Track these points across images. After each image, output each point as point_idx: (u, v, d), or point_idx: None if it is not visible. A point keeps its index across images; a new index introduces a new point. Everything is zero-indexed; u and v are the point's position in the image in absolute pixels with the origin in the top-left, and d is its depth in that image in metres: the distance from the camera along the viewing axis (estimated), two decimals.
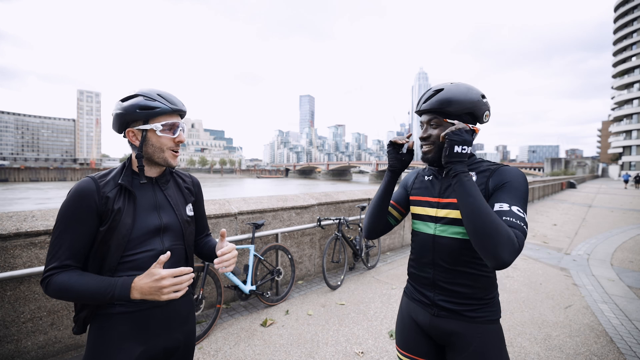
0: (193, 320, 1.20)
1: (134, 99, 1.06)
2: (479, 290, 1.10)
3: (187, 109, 1.16)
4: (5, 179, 72.89)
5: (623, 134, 58.99)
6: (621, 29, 61.17)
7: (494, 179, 1.07)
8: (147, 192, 1.11)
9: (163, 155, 1.10)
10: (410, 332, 1.22)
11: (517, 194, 1.02)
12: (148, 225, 1.07)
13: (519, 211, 0.98)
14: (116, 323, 1.01)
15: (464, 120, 1.15)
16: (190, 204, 1.24)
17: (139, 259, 1.04)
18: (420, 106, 1.18)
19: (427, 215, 1.20)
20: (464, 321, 1.10)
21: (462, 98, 1.12)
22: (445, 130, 1.07)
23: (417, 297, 1.22)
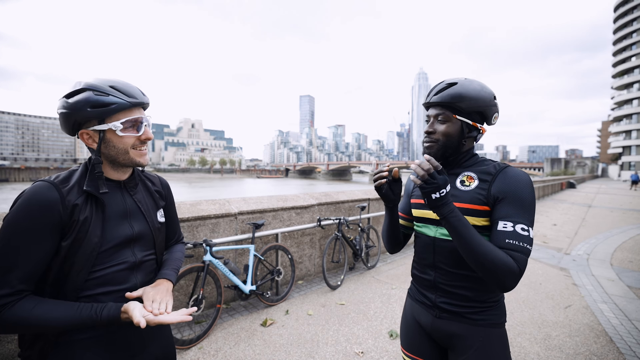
0: (169, 330, 1.14)
1: (81, 95, 0.88)
2: (481, 292, 1.07)
3: (149, 99, 1.01)
4: (5, 179, 72.89)
5: (623, 134, 58.99)
6: (621, 29, 61.16)
7: (498, 184, 1.02)
8: (116, 198, 0.98)
9: (128, 156, 0.96)
10: (414, 334, 1.21)
11: (523, 207, 0.98)
12: (119, 235, 0.94)
13: (523, 230, 0.94)
14: (83, 351, 0.88)
15: (473, 119, 1.10)
16: (162, 209, 1.14)
17: (108, 274, 0.92)
18: (431, 98, 1.12)
19: (428, 217, 1.17)
20: (465, 323, 1.07)
21: (475, 95, 1.07)
22: (415, 180, 0.99)
23: (419, 299, 1.21)
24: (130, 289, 0.97)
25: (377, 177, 1.13)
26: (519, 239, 0.94)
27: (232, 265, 3.13)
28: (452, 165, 1.16)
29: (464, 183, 1.10)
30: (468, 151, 1.15)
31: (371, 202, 5.30)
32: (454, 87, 1.08)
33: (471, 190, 1.07)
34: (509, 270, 0.90)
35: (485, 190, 1.04)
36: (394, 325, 2.98)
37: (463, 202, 1.06)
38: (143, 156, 1.00)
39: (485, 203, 1.03)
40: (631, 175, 27.51)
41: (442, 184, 0.96)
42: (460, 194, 1.08)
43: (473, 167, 1.12)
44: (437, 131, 1.11)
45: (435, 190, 0.96)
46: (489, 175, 1.06)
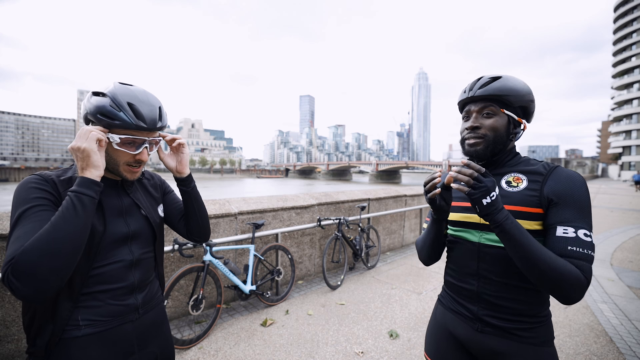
0: (168, 329, 1.14)
1: (101, 99, 0.91)
2: (531, 306, 0.97)
3: (164, 124, 1.00)
4: (5, 179, 72.90)
5: (623, 134, 59.00)
6: (621, 29, 61.16)
7: (552, 185, 0.94)
8: (111, 196, 0.99)
9: (117, 168, 0.97)
10: (444, 344, 1.13)
11: (582, 210, 0.90)
12: (115, 233, 0.96)
13: (586, 236, 0.87)
14: (84, 349, 0.89)
15: (518, 114, 1.03)
16: (161, 204, 1.16)
17: (107, 272, 0.93)
18: (475, 92, 1.03)
19: (469, 222, 1.06)
20: (513, 340, 0.96)
21: (522, 89, 1.01)
22: (460, 188, 0.89)
23: (456, 309, 1.10)
24: (128, 287, 0.98)
25: (430, 188, 1.00)
26: (582, 245, 0.86)
27: (232, 265, 3.14)
28: (496, 165, 1.07)
29: (510, 184, 1.01)
30: (511, 150, 1.07)
31: (371, 202, 5.31)
32: (500, 80, 1.02)
33: (520, 192, 0.98)
34: (576, 282, 0.82)
35: (537, 191, 0.95)
36: (394, 325, 2.98)
37: (513, 205, 0.97)
38: (132, 174, 1.00)
39: (539, 205, 0.94)
40: (633, 175, 26.49)
41: (490, 186, 0.87)
42: (508, 195, 0.99)
43: (518, 166, 1.04)
44: (484, 126, 1.02)
45: (485, 194, 0.86)
46: (539, 176, 0.98)
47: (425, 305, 3.44)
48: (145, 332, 1.02)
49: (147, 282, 1.07)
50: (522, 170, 1.02)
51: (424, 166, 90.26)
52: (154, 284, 1.12)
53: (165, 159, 1.12)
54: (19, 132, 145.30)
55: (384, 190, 5.97)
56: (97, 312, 0.92)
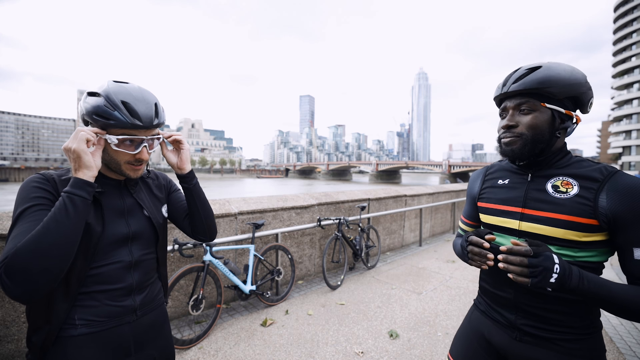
0: (168, 331, 1.13)
1: (96, 99, 0.90)
2: (575, 318, 0.88)
3: (161, 121, 0.99)
4: (5, 179, 72.90)
5: (623, 134, 59.00)
6: (621, 29, 61.17)
7: (612, 197, 0.83)
8: (113, 197, 0.99)
9: (119, 168, 0.97)
10: (476, 349, 1.07)
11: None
12: (114, 233, 0.95)
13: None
14: (79, 348, 0.89)
15: (566, 106, 0.91)
16: (165, 204, 1.16)
17: (104, 272, 0.93)
18: (509, 87, 0.94)
19: (504, 226, 0.99)
20: (558, 352, 0.89)
21: (568, 77, 0.89)
22: (517, 279, 0.79)
23: (492, 316, 1.04)
24: (126, 288, 0.98)
25: (478, 262, 0.93)
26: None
27: (232, 265, 3.14)
28: (541, 166, 0.96)
29: (557, 189, 0.90)
30: (561, 148, 0.95)
31: (371, 202, 5.31)
32: (539, 70, 0.91)
33: (570, 199, 0.87)
34: None
35: (591, 200, 0.84)
36: (394, 325, 2.98)
37: (559, 213, 0.87)
38: (135, 171, 0.99)
39: (593, 216, 0.83)
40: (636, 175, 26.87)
41: (548, 264, 0.77)
42: (555, 202, 0.89)
43: (567, 168, 0.93)
44: (521, 123, 0.93)
45: (547, 276, 0.76)
46: (593, 182, 0.86)
47: (425, 305, 3.44)
48: (143, 334, 1.01)
49: (147, 283, 1.06)
50: (573, 174, 0.90)
51: (424, 166, 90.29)
52: (155, 285, 1.11)
53: (168, 155, 1.12)
54: (19, 132, 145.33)
55: (384, 190, 5.97)
56: (94, 312, 0.92)
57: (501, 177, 1.06)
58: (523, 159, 0.96)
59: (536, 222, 0.92)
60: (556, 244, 0.88)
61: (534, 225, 0.92)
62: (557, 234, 0.88)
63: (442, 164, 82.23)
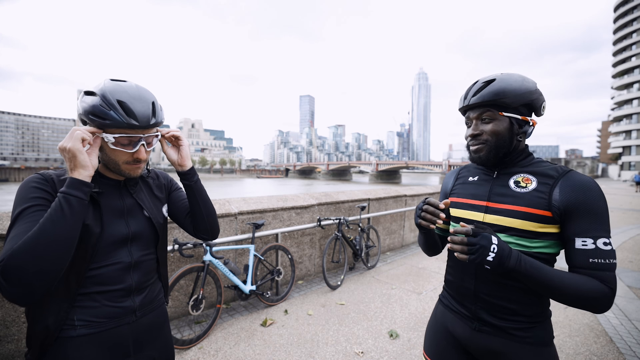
0: (168, 332, 1.13)
1: (92, 98, 0.89)
2: (530, 306, 0.97)
3: (159, 120, 0.98)
4: (5, 179, 72.90)
5: (623, 134, 58.99)
6: (621, 29, 61.16)
7: (564, 192, 0.92)
8: (112, 197, 0.98)
9: (118, 168, 0.96)
10: (442, 342, 1.14)
11: (599, 217, 0.89)
12: (114, 234, 0.94)
13: (605, 245, 0.87)
14: (78, 349, 0.89)
15: (521, 112, 1.01)
16: (166, 204, 1.15)
17: (104, 273, 0.92)
18: (470, 100, 1.04)
19: (472, 220, 1.08)
20: (511, 340, 0.97)
21: (519, 87, 0.99)
22: (460, 257, 0.88)
23: (455, 308, 1.12)
24: (125, 289, 0.97)
25: (425, 218, 1.02)
26: (603, 256, 0.87)
27: (232, 265, 3.14)
28: (506, 164, 1.07)
29: (519, 184, 1.01)
30: (523, 150, 1.07)
31: (371, 202, 5.31)
32: (494, 83, 1.01)
33: (528, 193, 0.97)
34: (601, 296, 0.85)
35: (546, 194, 0.94)
36: (394, 325, 2.98)
37: (519, 205, 0.97)
38: (134, 170, 0.98)
39: (547, 208, 0.93)
40: (634, 176, 25.21)
41: (485, 243, 0.85)
42: (515, 195, 0.99)
43: (529, 167, 1.03)
44: (485, 131, 1.03)
45: (484, 253, 0.85)
46: (549, 179, 0.97)
47: (425, 305, 3.44)
48: (142, 335, 1.01)
49: (147, 284, 1.05)
50: (533, 172, 1.01)
51: (424, 166, 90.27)
52: (155, 286, 1.10)
53: (168, 152, 1.11)
54: (19, 132, 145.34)
55: (384, 190, 5.97)
56: (93, 313, 0.92)
57: (471, 174, 1.17)
58: (488, 164, 1.06)
59: (498, 214, 1.01)
60: (514, 234, 0.98)
61: (496, 217, 1.02)
62: (515, 224, 0.97)
63: (442, 164, 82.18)
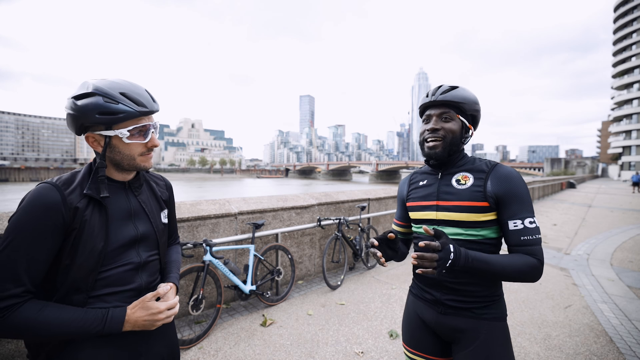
0: (173, 330, 1.15)
1: (90, 99, 0.87)
2: (485, 287, 1.12)
3: (159, 106, 1.01)
4: (5, 179, 72.86)
5: (623, 134, 58.98)
6: (621, 29, 61.15)
7: (494, 183, 1.09)
8: (120, 199, 0.98)
9: (134, 162, 0.96)
10: (416, 330, 1.25)
11: (523, 201, 1.06)
12: (124, 236, 0.95)
13: (531, 223, 1.04)
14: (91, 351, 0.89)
15: (468, 120, 1.18)
16: (166, 210, 1.15)
17: (115, 275, 0.93)
18: (437, 97, 1.16)
19: (427, 219, 1.20)
20: (471, 317, 1.11)
21: (473, 99, 1.18)
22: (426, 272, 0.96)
23: (422, 296, 1.24)
24: (136, 289, 0.98)
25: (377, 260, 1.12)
26: (530, 232, 1.03)
27: (232, 265, 3.13)
28: (448, 165, 1.21)
29: (459, 182, 1.15)
30: (461, 152, 1.22)
31: (371, 202, 5.31)
32: (458, 89, 1.16)
33: (468, 188, 1.12)
34: (534, 269, 1.01)
35: (482, 187, 1.10)
36: (394, 325, 2.98)
37: (462, 200, 1.12)
38: (148, 161, 1.00)
39: (484, 199, 1.09)
40: (632, 176, 25.20)
41: (444, 256, 0.95)
42: (458, 192, 1.14)
43: (465, 165, 1.18)
44: (444, 128, 1.15)
45: (444, 263, 0.95)
46: (482, 173, 1.13)
47: None
48: (152, 334, 1.02)
49: (154, 284, 1.07)
50: (469, 169, 1.16)
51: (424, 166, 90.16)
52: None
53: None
54: (19, 132, 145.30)
55: (384, 190, 5.97)
56: None
57: (421, 179, 1.30)
58: (441, 159, 1.18)
59: (447, 210, 1.15)
60: (463, 226, 1.11)
61: (446, 213, 1.15)
62: (462, 217, 1.11)
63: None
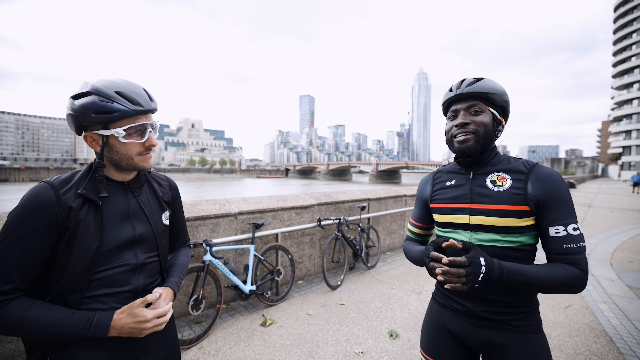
0: (174, 331, 1.13)
1: (86, 99, 0.87)
2: (522, 298, 1.02)
3: (157, 105, 0.99)
4: (5, 179, 72.85)
5: (623, 134, 58.97)
6: (621, 29, 61.14)
7: (535, 185, 0.99)
8: (119, 200, 0.97)
9: (132, 162, 0.95)
10: (441, 340, 1.15)
11: (567, 205, 0.97)
12: (120, 237, 0.94)
13: (574, 230, 0.95)
14: (87, 351, 0.88)
15: (497, 111, 1.08)
16: (167, 211, 1.12)
17: (110, 275, 0.92)
18: (463, 89, 1.06)
19: (459, 223, 1.09)
20: (508, 330, 1.01)
21: (502, 89, 1.08)
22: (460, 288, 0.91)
23: (451, 306, 1.13)
24: (132, 291, 0.97)
25: (434, 272, 0.98)
26: (574, 240, 0.94)
27: (232, 265, 3.14)
28: (480, 164, 1.10)
29: (495, 183, 1.04)
30: (493, 149, 1.11)
31: (371, 202, 5.31)
32: (483, 80, 1.07)
33: (506, 191, 1.01)
34: (577, 280, 0.93)
35: (521, 189, 0.99)
36: (394, 325, 2.98)
37: (500, 204, 1.01)
38: (147, 161, 0.99)
39: (525, 202, 0.98)
40: (632, 176, 24.82)
41: (476, 271, 0.89)
42: (495, 195, 1.02)
43: (499, 165, 1.08)
44: (474, 122, 1.05)
45: (476, 278, 0.89)
46: (520, 174, 1.02)
47: (425, 305, 3.43)
48: (149, 336, 1.00)
49: (152, 286, 1.05)
50: (505, 169, 1.06)
51: (424, 166, 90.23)
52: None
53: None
54: (19, 132, 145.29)
55: (384, 190, 5.97)
56: None
57: (448, 179, 1.18)
58: (475, 154, 1.07)
59: (482, 214, 1.03)
60: (501, 231, 1.01)
61: (481, 217, 1.04)
62: (500, 222, 1.01)
63: (442, 164, 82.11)
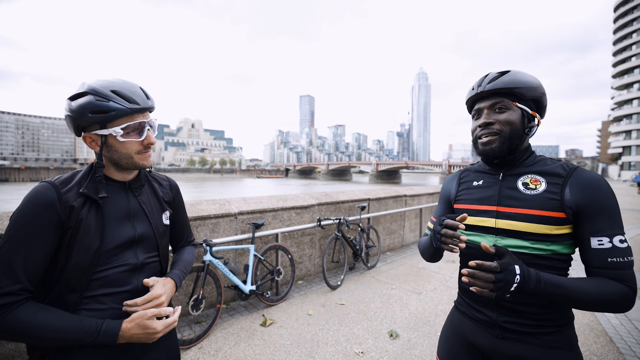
0: (173, 333, 1.12)
1: (83, 99, 0.88)
2: (552, 310, 0.92)
3: (154, 103, 0.99)
4: (5, 179, 72.86)
5: (623, 134, 58.97)
6: (621, 29, 61.14)
7: (574, 191, 0.89)
8: (119, 199, 0.97)
9: (131, 161, 0.95)
10: (461, 352, 1.08)
11: (613, 214, 0.86)
12: (120, 236, 0.94)
13: (621, 242, 0.84)
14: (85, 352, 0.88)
15: (530, 107, 0.98)
16: (167, 211, 1.12)
17: (110, 275, 0.92)
18: (484, 87, 0.99)
19: (483, 226, 1.01)
20: (538, 345, 0.91)
21: (533, 80, 0.97)
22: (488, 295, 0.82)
23: (473, 315, 1.05)
24: (132, 291, 0.97)
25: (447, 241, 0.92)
26: (620, 254, 0.84)
27: (232, 265, 3.14)
28: (511, 165, 1.02)
29: (527, 186, 0.95)
30: (527, 148, 1.02)
31: (371, 202, 5.31)
32: (509, 74, 0.98)
33: (539, 195, 0.92)
34: (624, 298, 0.82)
35: (558, 194, 0.90)
36: (394, 325, 2.98)
37: (531, 208, 0.92)
38: (147, 159, 0.99)
39: (560, 209, 0.89)
40: (635, 176, 24.18)
41: (511, 278, 0.80)
42: (526, 198, 0.94)
43: (534, 166, 0.99)
44: (498, 121, 0.97)
45: (507, 287, 0.80)
46: (558, 178, 0.92)
47: (425, 305, 3.44)
48: None
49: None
50: (540, 171, 0.96)
51: (424, 166, 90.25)
52: None
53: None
54: (19, 132, 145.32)
55: (384, 190, 5.97)
56: (100, 316, 0.91)
57: (475, 179, 1.11)
58: (501, 156, 0.99)
59: (511, 218, 0.95)
60: (530, 238, 0.92)
61: (509, 222, 0.95)
62: (530, 229, 0.91)
63: (442, 164, 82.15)
